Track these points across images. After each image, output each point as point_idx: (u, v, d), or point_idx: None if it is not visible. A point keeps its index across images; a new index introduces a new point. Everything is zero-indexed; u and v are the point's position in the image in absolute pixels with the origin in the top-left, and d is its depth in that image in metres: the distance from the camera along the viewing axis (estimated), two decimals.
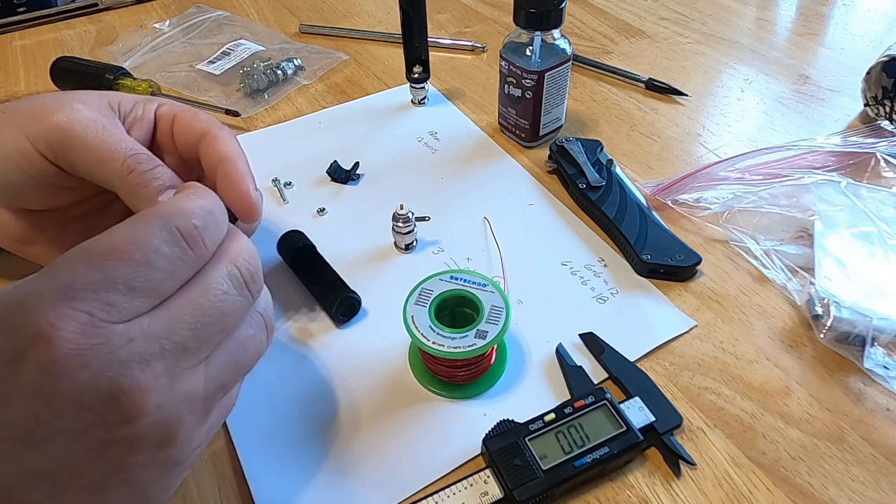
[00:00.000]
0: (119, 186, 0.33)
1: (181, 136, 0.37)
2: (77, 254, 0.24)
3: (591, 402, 0.34)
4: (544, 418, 0.34)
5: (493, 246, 0.46)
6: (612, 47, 0.69)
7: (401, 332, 0.36)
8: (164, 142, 0.38)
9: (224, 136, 0.36)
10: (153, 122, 0.37)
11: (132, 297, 0.24)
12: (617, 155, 0.54)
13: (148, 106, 0.37)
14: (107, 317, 0.23)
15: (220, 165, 0.34)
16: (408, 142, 0.57)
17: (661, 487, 0.33)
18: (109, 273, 0.23)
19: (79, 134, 0.32)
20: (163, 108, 0.38)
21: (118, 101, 0.36)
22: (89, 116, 0.33)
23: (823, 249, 0.42)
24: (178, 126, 0.37)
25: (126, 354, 0.23)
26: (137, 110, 0.37)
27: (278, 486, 0.34)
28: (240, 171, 0.34)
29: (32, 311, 0.22)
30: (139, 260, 0.24)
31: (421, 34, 0.57)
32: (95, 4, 0.79)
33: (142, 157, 0.33)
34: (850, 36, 0.70)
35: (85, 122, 0.33)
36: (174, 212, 0.26)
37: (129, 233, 0.25)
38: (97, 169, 0.33)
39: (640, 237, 0.44)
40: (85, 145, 0.32)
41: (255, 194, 0.34)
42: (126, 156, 0.33)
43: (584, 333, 0.40)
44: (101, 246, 0.24)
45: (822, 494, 0.33)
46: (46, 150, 0.33)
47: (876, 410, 0.36)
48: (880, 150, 0.49)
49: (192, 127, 0.37)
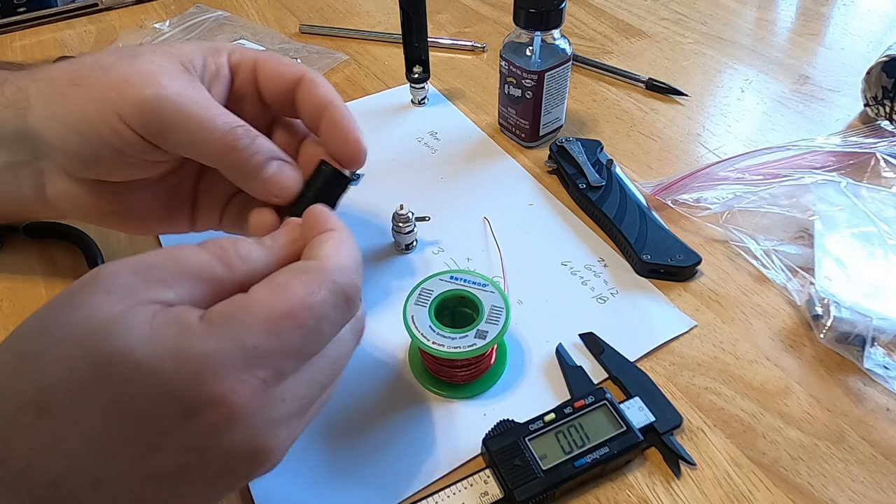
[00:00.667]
0: (220, 163, 0.33)
1: (269, 84, 0.36)
2: (258, 310, 0.24)
3: (591, 402, 0.34)
4: (544, 418, 0.34)
5: (493, 246, 0.46)
6: (612, 47, 0.69)
7: (401, 332, 0.36)
8: (245, 91, 0.36)
9: (322, 80, 0.35)
10: (229, 75, 0.36)
11: (296, 362, 0.25)
12: (617, 155, 0.54)
13: (219, 58, 0.36)
14: (274, 382, 0.24)
15: (326, 112, 0.34)
16: (408, 142, 0.57)
17: (661, 487, 0.33)
18: (286, 341, 0.24)
19: (173, 111, 0.31)
20: (235, 57, 0.36)
21: (189, 59, 0.34)
22: (179, 89, 0.32)
23: (823, 249, 0.42)
24: (264, 73, 0.36)
25: (277, 416, 0.25)
26: (210, 65, 0.35)
27: (278, 486, 0.34)
28: (347, 118, 0.34)
29: (217, 374, 0.22)
30: (311, 327, 0.25)
31: (421, 34, 0.57)
32: (95, 4, 0.79)
33: (240, 132, 0.32)
34: (850, 36, 0.70)
35: (177, 98, 0.32)
36: (338, 270, 0.27)
37: (306, 296, 0.25)
38: (196, 146, 0.32)
39: (640, 237, 0.44)
40: (182, 122, 0.31)
41: (365, 148, 0.34)
42: (224, 131, 0.32)
43: (584, 333, 0.40)
44: (279, 307, 0.24)
45: (822, 494, 0.33)
46: (140, 128, 0.32)
47: (876, 410, 0.36)
48: (880, 150, 0.49)
49: (282, 73, 0.36)
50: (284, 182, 0.33)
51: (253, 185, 0.33)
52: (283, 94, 0.36)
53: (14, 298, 0.44)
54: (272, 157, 0.33)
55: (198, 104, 0.32)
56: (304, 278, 0.25)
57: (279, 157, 0.33)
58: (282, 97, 0.36)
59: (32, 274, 0.46)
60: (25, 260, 0.47)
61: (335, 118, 0.34)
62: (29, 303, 0.44)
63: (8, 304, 0.44)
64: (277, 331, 0.24)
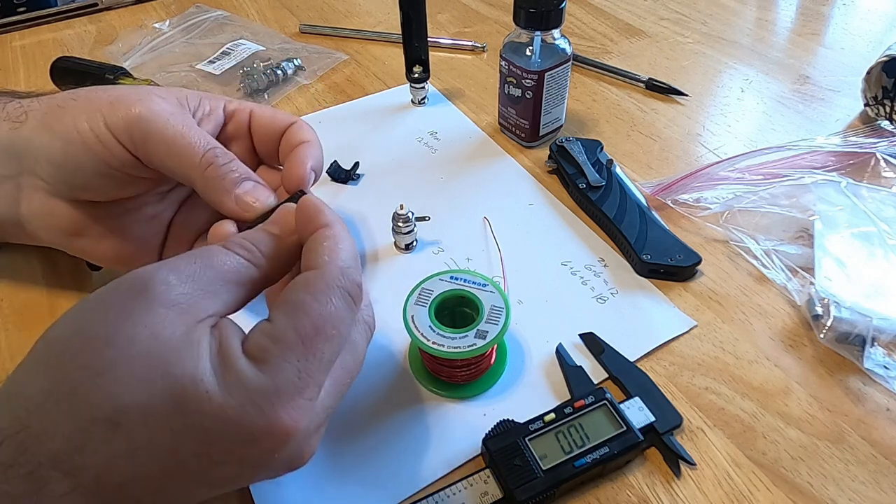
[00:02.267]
0: (197, 179, 0.34)
1: (262, 129, 0.39)
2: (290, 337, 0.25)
3: (591, 402, 0.34)
4: (544, 418, 0.34)
5: (493, 246, 0.46)
6: (612, 47, 0.69)
7: (401, 332, 0.36)
8: (236, 135, 0.40)
9: (308, 128, 0.39)
10: (223, 118, 0.39)
11: (328, 371, 0.27)
12: (617, 155, 0.54)
13: (215, 103, 0.39)
14: (316, 397, 0.26)
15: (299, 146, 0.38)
16: (408, 142, 0.57)
17: (661, 487, 0.33)
18: (320, 357, 0.26)
19: (160, 126, 0.34)
20: (232, 105, 0.40)
21: (185, 96, 0.37)
22: (168, 109, 0.35)
23: (823, 249, 0.42)
24: (259, 120, 0.39)
25: (314, 426, 0.27)
26: (205, 106, 0.38)
27: (278, 486, 0.34)
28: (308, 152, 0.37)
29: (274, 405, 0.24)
30: (335, 335, 0.27)
31: (421, 34, 0.57)
32: (95, 4, 0.79)
33: (218, 151, 0.35)
34: (850, 36, 0.70)
35: (165, 115, 0.34)
36: (340, 273, 0.28)
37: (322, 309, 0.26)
38: (175, 161, 0.34)
39: (640, 237, 0.44)
40: (165, 137, 0.34)
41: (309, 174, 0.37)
42: (204, 150, 0.34)
43: (583, 333, 0.40)
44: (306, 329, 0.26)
45: (822, 494, 0.33)
46: (126, 140, 0.34)
47: (876, 410, 0.36)
48: (880, 150, 0.49)
49: (277, 119, 0.39)
50: (257, 195, 0.35)
51: (226, 200, 0.35)
52: (273, 140, 0.39)
53: (14, 298, 0.44)
54: (246, 178, 0.35)
55: (182, 123, 0.34)
56: (315, 292, 0.27)
57: (254, 179, 0.35)
58: (272, 143, 0.39)
59: (32, 274, 0.46)
60: (25, 260, 0.46)
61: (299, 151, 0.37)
62: (29, 303, 0.44)
63: (8, 304, 0.44)
64: (311, 350, 0.26)
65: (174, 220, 0.41)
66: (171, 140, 0.34)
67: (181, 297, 0.25)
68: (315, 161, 0.37)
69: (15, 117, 0.35)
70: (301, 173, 0.36)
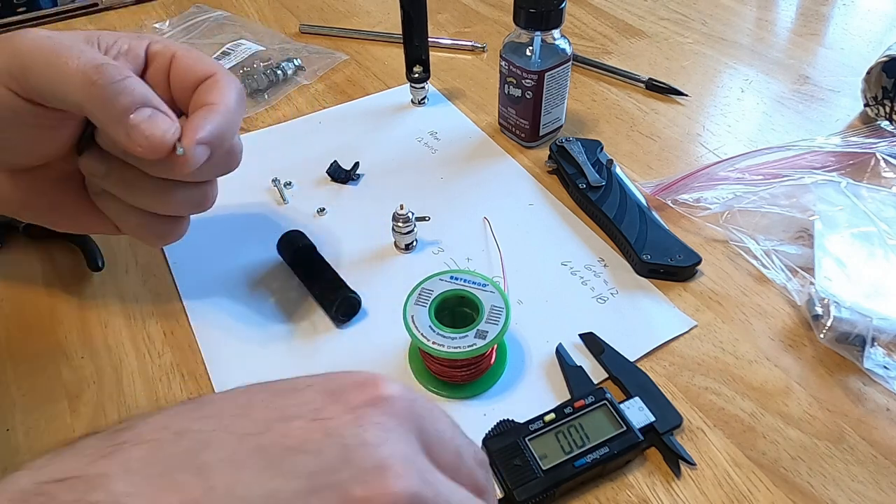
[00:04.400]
0: (84, 103, 0.29)
1: (180, 77, 0.34)
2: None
3: (591, 402, 0.34)
4: (544, 418, 0.34)
5: (493, 246, 0.46)
6: (612, 47, 0.69)
7: (401, 332, 0.36)
8: (154, 81, 0.34)
9: (229, 81, 0.34)
10: (143, 59, 0.34)
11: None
12: (617, 155, 0.54)
13: (136, 42, 0.34)
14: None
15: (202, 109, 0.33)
16: (408, 142, 0.57)
17: (661, 487, 0.33)
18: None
19: (36, 51, 0.29)
20: (156, 46, 0.35)
21: (98, 36, 0.33)
22: (49, 35, 0.30)
23: (823, 249, 0.42)
24: (179, 65, 0.34)
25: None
26: (122, 44, 0.33)
27: None
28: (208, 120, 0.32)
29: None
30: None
31: (421, 34, 0.57)
32: (95, 4, 0.79)
33: (108, 68, 0.29)
34: (850, 36, 0.70)
35: (39, 40, 0.30)
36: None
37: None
38: (58, 87, 0.30)
39: (640, 237, 0.44)
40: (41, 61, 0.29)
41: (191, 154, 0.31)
42: (86, 65, 0.29)
43: (583, 333, 0.40)
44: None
45: (822, 494, 0.33)
46: (11, 83, 0.30)
47: (876, 410, 0.36)
48: (880, 151, 0.49)
49: (196, 69, 0.34)
50: (152, 130, 0.30)
51: (117, 129, 0.30)
52: (188, 91, 0.34)
53: (14, 298, 0.44)
54: (145, 104, 0.30)
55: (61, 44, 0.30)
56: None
57: (156, 107, 0.31)
58: (188, 93, 0.34)
59: (32, 274, 0.46)
60: (25, 260, 0.47)
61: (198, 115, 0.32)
62: (29, 303, 0.44)
63: (8, 304, 0.44)
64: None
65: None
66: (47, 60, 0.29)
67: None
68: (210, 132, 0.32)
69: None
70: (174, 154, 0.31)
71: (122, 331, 0.42)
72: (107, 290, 0.45)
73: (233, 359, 0.40)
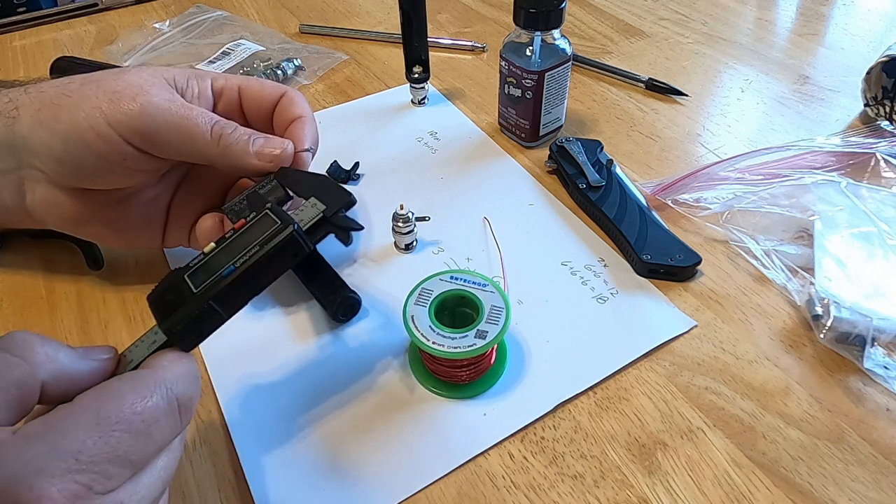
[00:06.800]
0: (213, 154, 0.37)
1: (254, 104, 0.41)
2: (86, 417, 0.24)
3: (252, 217, 0.33)
4: (204, 250, 0.32)
5: (493, 246, 0.46)
6: (612, 47, 0.69)
7: (401, 332, 0.36)
8: (226, 113, 0.40)
9: (300, 97, 0.41)
10: (212, 98, 0.41)
11: (126, 468, 0.24)
12: (617, 155, 0.54)
13: (202, 83, 0.40)
14: (101, 489, 0.23)
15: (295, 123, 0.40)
16: (408, 142, 0.57)
17: (660, 487, 0.33)
18: (115, 446, 0.24)
19: (164, 117, 0.35)
20: (219, 82, 0.41)
21: (173, 78, 0.38)
22: (167, 97, 0.36)
23: (823, 249, 0.42)
24: (248, 95, 0.41)
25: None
26: (193, 86, 0.39)
27: (278, 486, 0.34)
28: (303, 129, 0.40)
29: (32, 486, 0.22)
30: (142, 432, 0.24)
31: (421, 34, 0.57)
32: (95, 4, 0.79)
33: (222, 122, 0.37)
34: (850, 36, 0.70)
35: (166, 104, 0.36)
36: (174, 379, 0.27)
37: (137, 400, 0.25)
38: (188, 145, 0.36)
39: (640, 237, 0.44)
40: (172, 126, 0.35)
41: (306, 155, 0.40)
42: (210, 126, 0.36)
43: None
44: (107, 411, 0.24)
45: (822, 494, 0.33)
46: (131, 135, 0.35)
47: (876, 410, 0.36)
48: (880, 150, 0.49)
49: (266, 93, 0.41)
50: (273, 145, 0.38)
51: (247, 160, 0.37)
52: (266, 112, 0.41)
53: (14, 298, 0.44)
54: (254, 136, 0.38)
55: (183, 107, 0.36)
56: (136, 384, 0.25)
57: (260, 135, 0.38)
58: (265, 116, 0.41)
59: (32, 274, 0.46)
60: (25, 260, 0.47)
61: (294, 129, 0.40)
62: (29, 303, 0.44)
63: (8, 304, 0.44)
64: (105, 435, 0.23)
65: (173, 201, 0.42)
66: (177, 127, 0.35)
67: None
68: (311, 139, 0.40)
69: (7, 112, 0.36)
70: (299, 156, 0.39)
71: (122, 331, 0.42)
72: (107, 289, 0.45)
73: (232, 359, 0.40)
